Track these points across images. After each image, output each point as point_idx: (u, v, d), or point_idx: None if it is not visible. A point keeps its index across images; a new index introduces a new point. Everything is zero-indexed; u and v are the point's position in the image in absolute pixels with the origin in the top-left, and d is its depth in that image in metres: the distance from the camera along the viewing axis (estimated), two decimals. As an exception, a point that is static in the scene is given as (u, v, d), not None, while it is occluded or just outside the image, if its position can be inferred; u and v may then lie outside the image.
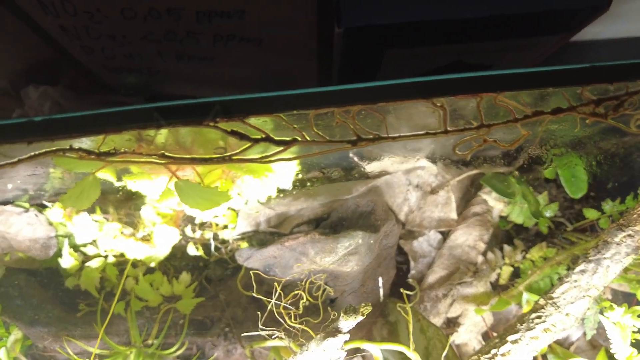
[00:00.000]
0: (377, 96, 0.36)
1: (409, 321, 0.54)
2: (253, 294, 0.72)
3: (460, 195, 0.75)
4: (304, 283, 0.62)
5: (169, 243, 0.69)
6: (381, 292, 0.70)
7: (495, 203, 0.71)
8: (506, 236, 0.79)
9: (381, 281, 0.70)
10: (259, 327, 0.55)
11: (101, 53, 0.66)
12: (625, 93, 0.40)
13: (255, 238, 0.77)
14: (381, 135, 0.35)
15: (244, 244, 0.76)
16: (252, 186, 0.53)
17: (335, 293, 0.68)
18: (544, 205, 0.73)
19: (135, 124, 0.36)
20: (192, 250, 0.75)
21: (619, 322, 0.62)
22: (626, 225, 0.53)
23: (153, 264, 0.74)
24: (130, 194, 0.67)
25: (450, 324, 0.73)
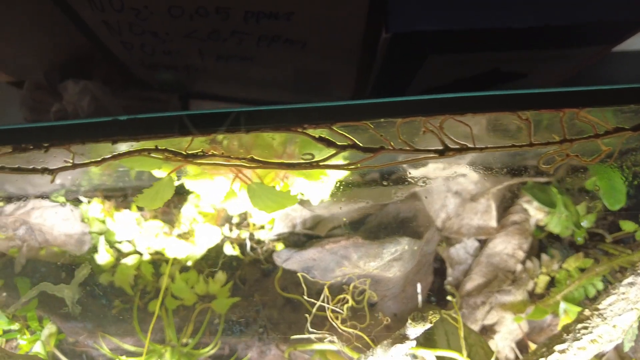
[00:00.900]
0: (465, 107, 0.36)
1: (459, 327, 0.54)
2: (290, 296, 0.72)
3: (498, 203, 0.75)
4: (348, 287, 0.62)
5: (211, 242, 0.69)
6: (419, 298, 0.70)
7: (535, 212, 0.71)
8: (539, 245, 0.80)
9: (420, 287, 0.71)
10: (308, 330, 0.55)
11: (140, 49, 0.65)
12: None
13: (290, 239, 0.77)
14: (468, 145, 0.36)
15: (279, 245, 0.76)
16: (311, 189, 0.54)
17: (375, 298, 0.69)
18: (582, 215, 0.73)
19: (223, 127, 0.36)
20: (229, 249, 0.75)
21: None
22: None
23: (190, 263, 0.74)
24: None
25: (485, 331, 0.74)
